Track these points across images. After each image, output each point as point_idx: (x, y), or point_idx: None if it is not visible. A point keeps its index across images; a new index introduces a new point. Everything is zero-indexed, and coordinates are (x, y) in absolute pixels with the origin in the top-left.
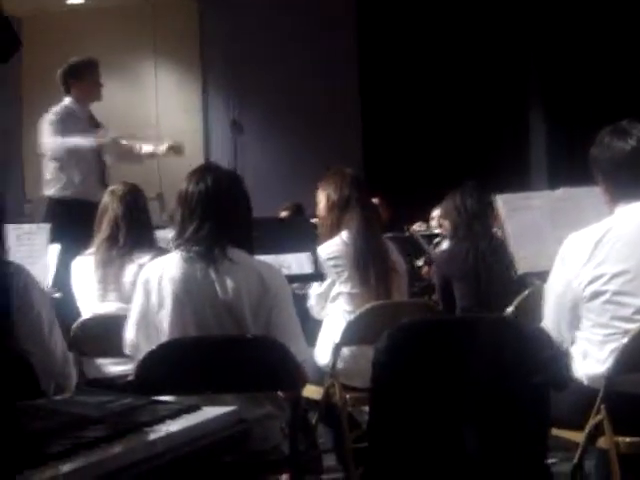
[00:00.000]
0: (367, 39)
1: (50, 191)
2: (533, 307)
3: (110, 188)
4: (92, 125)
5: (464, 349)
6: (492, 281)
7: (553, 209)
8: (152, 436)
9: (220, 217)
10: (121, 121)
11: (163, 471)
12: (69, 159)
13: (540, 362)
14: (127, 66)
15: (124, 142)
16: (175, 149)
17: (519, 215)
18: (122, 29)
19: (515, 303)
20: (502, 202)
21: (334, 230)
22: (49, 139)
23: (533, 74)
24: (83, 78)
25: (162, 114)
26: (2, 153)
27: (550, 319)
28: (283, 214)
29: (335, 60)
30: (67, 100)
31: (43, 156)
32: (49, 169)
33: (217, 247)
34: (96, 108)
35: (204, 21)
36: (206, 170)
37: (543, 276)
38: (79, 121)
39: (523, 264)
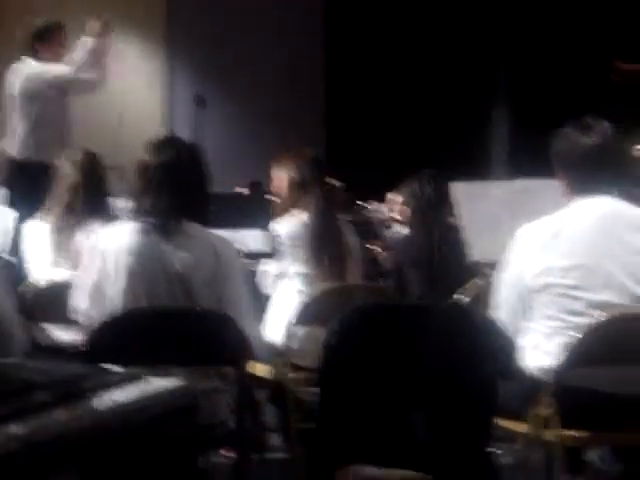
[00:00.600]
0: (334, 19)
1: (15, 152)
2: (485, 295)
3: (67, 153)
4: (60, 89)
5: (416, 335)
6: (446, 268)
7: (510, 200)
8: (97, 403)
9: (178, 190)
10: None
11: (107, 439)
12: (39, 121)
13: (490, 351)
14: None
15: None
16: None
17: (475, 204)
18: (88, 2)
19: (464, 289)
20: (459, 190)
21: (290, 209)
22: (62, 67)
23: (499, 64)
24: (50, 41)
25: (125, 85)
26: None
27: (501, 308)
28: (242, 190)
29: (301, 38)
30: (33, 62)
31: (15, 115)
32: (17, 130)
33: (173, 219)
34: None
35: None
36: (166, 142)
37: (496, 265)
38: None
39: (477, 252)
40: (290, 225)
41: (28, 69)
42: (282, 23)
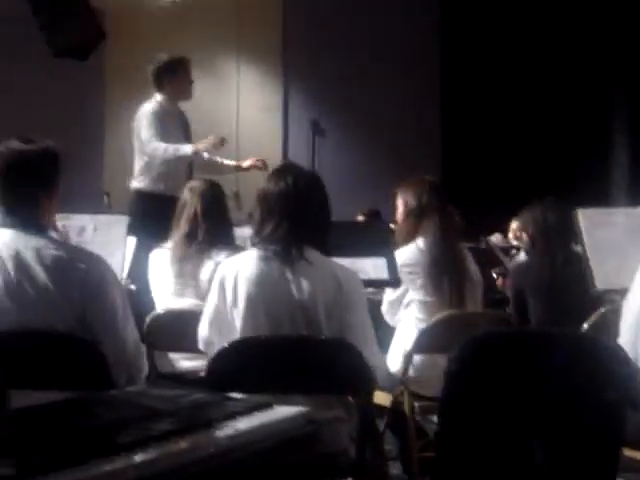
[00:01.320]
0: (450, 47)
1: (139, 184)
2: (610, 324)
3: (189, 184)
4: (181, 123)
5: (538, 363)
6: (568, 296)
7: (635, 226)
8: (222, 432)
9: (298, 217)
10: (202, 118)
11: (231, 467)
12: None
13: (616, 379)
14: (210, 63)
15: (215, 159)
16: (262, 164)
17: (599, 230)
18: (206, 26)
19: (592, 319)
20: (583, 217)
21: (411, 237)
22: (152, 143)
23: (620, 90)
24: (177, 75)
25: (243, 112)
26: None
27: (627, 337)
28: (359, 218)
29: (417, 67)
30: (159, 97)
31: (138, 151)
32: (140, 163)
33: (294, 247)
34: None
35: (288, 20)
36: (287, 170)
37: (622, 293)
38: (172, 119)
39: (601, 280)
40: (408, 252)
41: (142, 110)
42: (399, 51)
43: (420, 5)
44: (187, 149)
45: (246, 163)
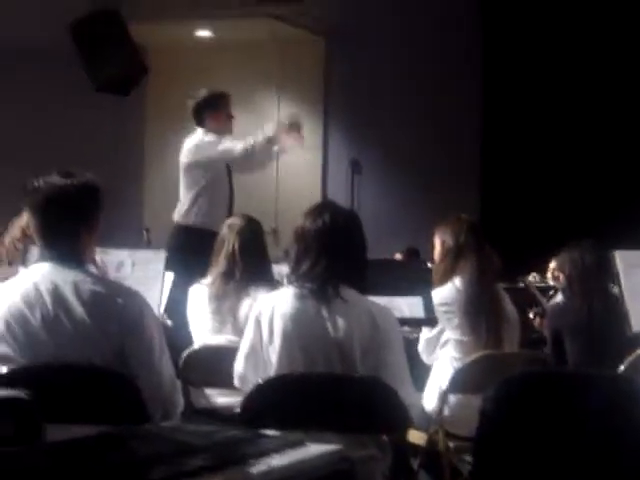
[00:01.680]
0: (491, 86)
1: (183, 218)
2: None
3: (228, 221)
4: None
5: (574, 404)
6: (605, 337)
7: None
8: (255, 469)
9: (335, 255)
10: None
11: None
12: (206, 189)
13: None
14: (251, 100)
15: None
16: (292, 125)
17: (637, 272)
18: (248, 64)
19: (629, 360)
20: (620, 258)
21: (448, 276)
22: (235, 144)
23: None
24: (218, 110)
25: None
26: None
27: None
28: (397, 256)
29: (457, 106)
30: (200, 132)
31: (185, 185)
32: (188, 195)
33: (330, 285)
34: None
35: (330, 60)
36: (324, 208)
37: None
38: None
39: (638, 322)
40: (445, 292)
41: (197, 140)
42: (439, 89)
43: (462, 47)
44: (267, 131)
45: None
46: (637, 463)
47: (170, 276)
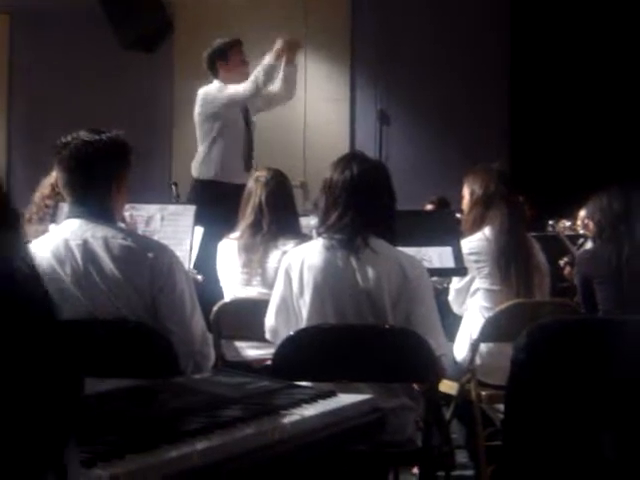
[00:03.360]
0: (520, 37)
1: (197, 173)
2: None
3: (255, 174)
4: (241, 107)
5: (606, 351)
6: (635, 285)
7: None
8: (287, 419)
9: (364, 206)
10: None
11: (296, 454)
12: (216, 140)
13: None
14: None
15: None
16: (290, 45)
17: None
18: (273, 16)
19: None
20: None
21: (477, 226)
22: (240, 86)
23: None
24: (229, 58)
25: (310, 103)
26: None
27: None
28: (428, 207)
29: (485, 54)
30: (217, 83)
31: (200, 138)
32: (202, 148)
33: (359, 236)
34: None
35: (355, 11)
36: (352, 159)
37: None
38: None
39: None
40: (475, 241)
41: (204, 92)
42: (465, 39)
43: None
44: (268, 60)
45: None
46: None
47: (200, 230)
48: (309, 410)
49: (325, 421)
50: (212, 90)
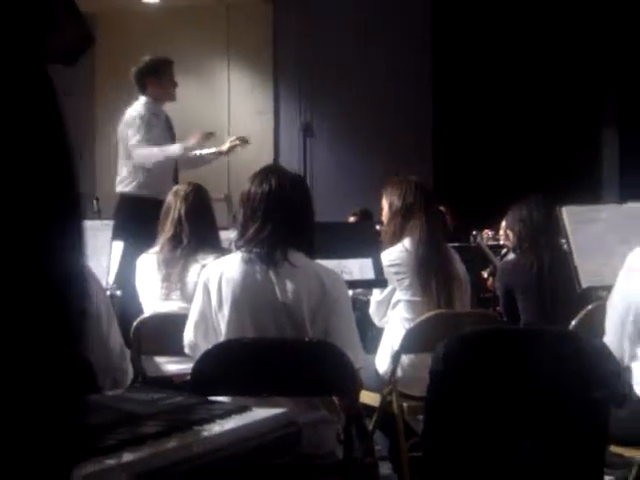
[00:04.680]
0: (441, 46)
1: (124, 188)
2: (597, 321)
3: (174, 188)
4: (167, 126)
5: (524, 361)
6: (556, 294)
7: (620, 223)
8: (201, 435)
9: (282, 219)
10: (193, 122)
11: (210, 470)
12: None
13: (600, 377)
14: (200, 66)
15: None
16: (240, 140)
17: (585, 228)
18: (196, 29)
19: (579, 317)
20: (567, 214)
21: (397, 237)
22: (141, 148)
23: (608, 86)
24: (160, 77)
25: (234, 115)
26: (77, 151)
27: (611, 334)
28: (351, 219)
29: (408, 68)
30: (143, 99)
31: (123, 155)
32: (126, 167)
33: (278, 249)
34: (168, 108)
35: (278, 23)
36: (270, 171)
37: (608, 290)
38: (159, 122)
39: (587, 278)
40: (394, 253)
41: (132, 115)
42: (388, 51)
43: (411, 4)
44: (175, 149)
45: (225, 146)
46: (584, 418)
47: (119, 246)
48: (223, 425)
49: (239, 436)
50: (129, 115)
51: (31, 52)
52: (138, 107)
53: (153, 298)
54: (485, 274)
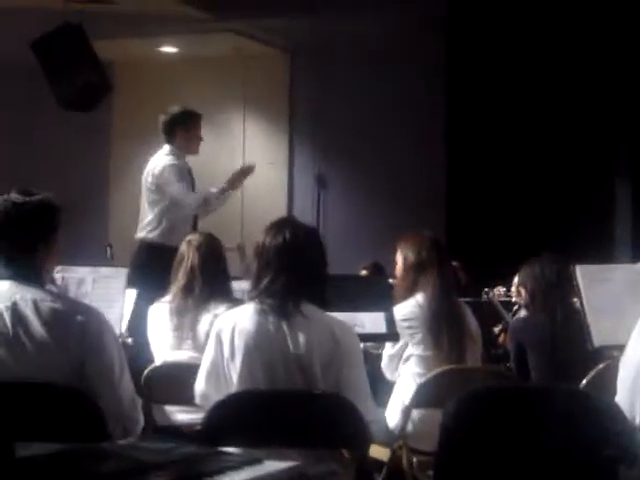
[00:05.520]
0: (455, 101)
1: (147, 235)
2: (609, 381)
3: (187, 238)
4: (190, 177)
5: (534, 419)
6: (568, 353)
7: (634, 282)
8: None
9: (295, 271)
10: (208, 172)
11: None
12: (170, 207)
13: (611, 437)
14: (216, 116)
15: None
16: (244, 171)
17: (598, 287)
18: (212, 79)
19: (590, 375)
20: (581, 273)
21: (410, 292)
22: (192, 194)
23: (621, 143)
24: (189, 128)
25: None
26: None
27: (623, 394)
28: (363, 272)
29: (422, 122)
30: (167, 148)
31: (150, 202)
32: (152, 213)
33: (291, 301)
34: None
35: (294, 74)
36: (284, 223)
37: (621, 349)
38: (185, 171)
39: (600, 336)
40: (407, 307)
41: (157, 165)
42: (403, 106)
43: (425, 60)
44: (216, 188)
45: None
46: (594, 477)
47: (133, 293)
48: (233, 477)
49: None
50: (163, 165)
51: None
52: (167, 157)
53: (164, 347)
54: (497, 330)
